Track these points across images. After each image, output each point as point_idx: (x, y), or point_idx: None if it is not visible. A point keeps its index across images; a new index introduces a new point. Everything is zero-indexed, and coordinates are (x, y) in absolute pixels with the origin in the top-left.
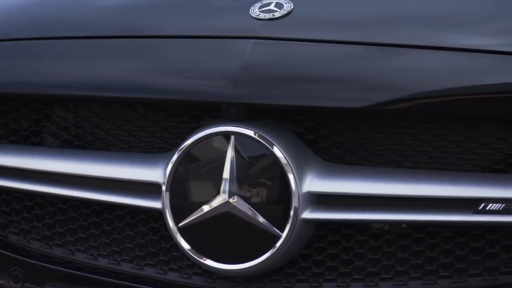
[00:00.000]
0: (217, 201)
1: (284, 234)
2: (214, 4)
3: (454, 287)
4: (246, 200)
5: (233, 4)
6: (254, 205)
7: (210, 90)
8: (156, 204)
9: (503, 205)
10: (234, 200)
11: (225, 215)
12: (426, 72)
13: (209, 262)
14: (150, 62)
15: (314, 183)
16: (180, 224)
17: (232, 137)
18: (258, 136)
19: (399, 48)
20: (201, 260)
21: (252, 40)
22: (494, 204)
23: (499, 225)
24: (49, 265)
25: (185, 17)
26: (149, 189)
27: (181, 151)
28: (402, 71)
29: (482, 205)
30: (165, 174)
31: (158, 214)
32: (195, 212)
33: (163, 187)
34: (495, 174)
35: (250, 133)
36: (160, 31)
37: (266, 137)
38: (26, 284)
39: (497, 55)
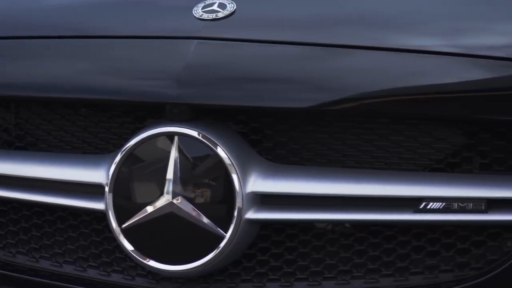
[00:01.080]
0: (161, 202)
1: (228, 235)
2: (157, 4)
3: (396, 286)
4: (190, 200)
5: (176, 5)
6: (198, 206)
7: (153, 90)
8: (99, 206)
9: (443, 203)
10: (178, 200)
11: (169, 215)
12: (368, 73)
13: (152, 263)
14: (92, 62)
15: (258, 183)
16: (124, 225)
17: (176, 138)
18: (202, 137)
19: (342, 49)
20: (144, 261)
21: (196, 41)
22: (435, 203)
23: (439, 224)
24: None
25: (128, 18)
26: (92, 190)
27: (124, 152)
28: (345, 71)
29: (423, 204)
30: (108, 175)
31: (101, 216)
32: (139, 213)
33: (106, 188)
34: (436, 174)
35: (194, 133)
36: (102, 31)
37: (210, 137)
38: None
39: (438, 55)
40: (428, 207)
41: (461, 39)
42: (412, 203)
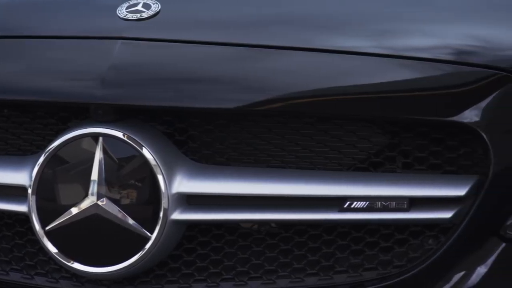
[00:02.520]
0: (85, 204)
1: (153, 236)
2: (80, 4)
3: (321, 285)
4: (115, 202)
5: (100, 5)
6: (123, 207)
7: (77, 91)
8: (22, 208)
9: (367, 202)
10: (103, 202)
11: (93, 217)
12: (294, 73)
13: (77, 266)
14: (14, 63)
15: (184, 184)
16: (47, 228)
17: (100, 139)
18: (127, 138)
19: (268, 49)
20: (68, 264)
21: (120, 41)
22: (359, 202)
23: (363, 223)
24: None
25: (51, 18)
26: (14, 192)
27: (47, 153)
28: (271, 72)
29: (347, 203)
30: (31, 176)
31: (24, 218)
32: (63, 215)
33: (29, 190)
34: (360, 173)
35: (119, 134)
36: (24, 31)
37: (135, 138)
38: None
39: (364, 56)
40: (352, 206)
41: (386, 40)
42: (336, 203)
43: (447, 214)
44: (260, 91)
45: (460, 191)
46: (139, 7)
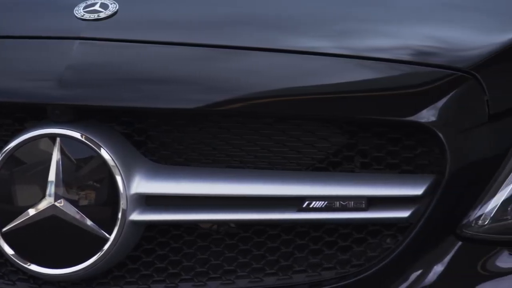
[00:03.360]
0: (42, 205)
1: (112, 237)
2: (37, 4)
3: (280, 284)
4: (73, 203)
5: (57, 5)
6: (81, 208)
7: (34, 91)
8: None
9: (326, 202)
10: (60, 203)
11: (51, 218)
12: (252, 74)
13: (34, 267)
14: None
15: (142, 185)
16: (4, 229)
17: (58, 139)
18: (85, 138)
19: (226, 50)
20: (25, 266)
21: (77, 41)
22: (317, 202)
23: (322, 222)
24: None
25: (7, 18)
26: None
27: (3, 154)
28: (229, 72)
29: (306, 203)
30: None
31: None
32: (20, 216)
33: None
34: (318, 173)
35: (77, 135)
36: None
37: (93, 139)
38: None
39: (323, 56)
40: (311, 206)
41: (345, 41)
42: (295, 202)
43: (404, 213)
44: (219, 92)
45: (417, 191)
46: (97, 7)
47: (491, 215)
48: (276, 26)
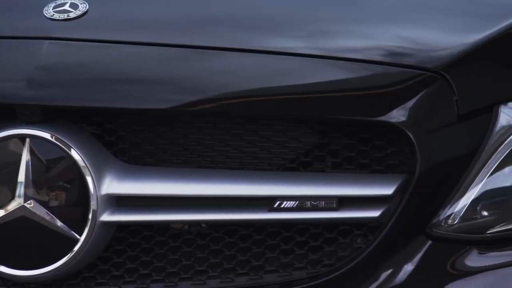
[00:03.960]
0: (12, 206)
1: (82, 238)
2: (6, 4)
3: (251, 284)
4: (43, 204)
5: (26, 5)
6: (51, 209)
7: (3, 91)
8: None
9: (297, 202)
10: (30, 204)
11: (20, 219)
12: (225, 74)
13: (3, 269)
14: None
15: (113, 185)
16: None
17: (27, 140)
18: (55, 139)
19: (197, 50)
20: None
21: (47, 41)
22: (288, 202)
23: (293, 222)
24: None
25: None
26: None
27: None
28: (201, 72)
29: (277, 203)
30: None
31: None
32: None
33: None
34: (289, 173)
35: (46, 135)
36: None
37: (63, 139)
38: None
39: (294, 57)
40: (282, 206)
41: (316, 41)
42: (266, 202)
43: (375, 213)
44: (190, 92)
45: (388, 190)
46: (66, 7)
47: (461, 214)
48: (249, 27)
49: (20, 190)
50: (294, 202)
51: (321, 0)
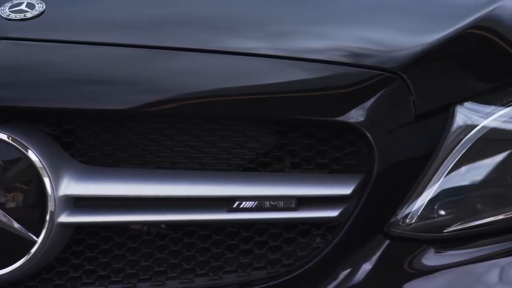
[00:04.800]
0: None
1: (40, 239)
2: None
3: (211, 285)
4: (0, 205)
5: None
6: (8, 211)
7: None
8: None
9: (256, 202)
10: None
11: None
12: (184, 74)
13: None
14: None
15: (71, 186)
16: None
17: None
18: (12, 140)
19: (157, 50)
20: None
21: (3, 41)
22: (248, 202)
23: (252, 222)
24: None
25: None
26: None
27: None
28: (160, 73)
29: (237, 203)
30: None
31: None
32: None
33: None
34: (248, 173)
35: (3, 136)
36: None
37: (20, 140)
38: None
39: (254, 57)
40: (241, 206)
41: (277, 42)
42: (225, 203)
43: (333, 213)
44: (149, 92)
45: (346, 190)
46: (23, 7)
47: (418, 213)
48: (209, 27)
49: None
50: (253, 202)
51: (281, 1)
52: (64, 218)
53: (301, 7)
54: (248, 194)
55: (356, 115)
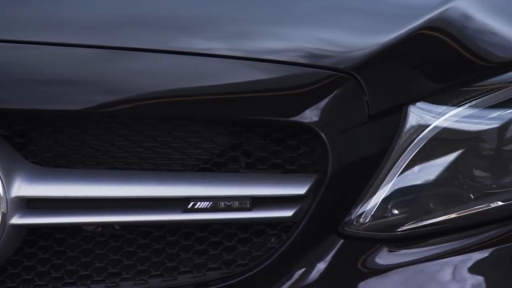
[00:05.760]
0: None
1: None
2: None
3: (165, 286)
4: None
5: None
6: None
7: None
8: None
9: (211, 203)
10: None
11: None
12: (140, 75)
13: None
14: None
15: (23, 188)
16: None
17: None
18: None
19: (110, 50)
20: None
21: None
22: (202, 202)
23: (207, 223)
24: None
25: None
26: None
27: None
28: (112, 73)
29: (191, 203)
30: None
31: None
32: None
33: None
34: (203, 173)
35: None
36: None
37: None
38: None
39: (211, 58)
40: (196, 206)
41: (233, 43)
42: (180, 203)
43: (288, 213)
44: (103, 93)
45: (300, 190)
46: None
47: (372, 213)
48: (166, 27)
49: None
50: (208, 202)
51: (239, 1)
52: (16, 220)
53: (258, 8)
54: (202, 194)
55: (310, 115)
